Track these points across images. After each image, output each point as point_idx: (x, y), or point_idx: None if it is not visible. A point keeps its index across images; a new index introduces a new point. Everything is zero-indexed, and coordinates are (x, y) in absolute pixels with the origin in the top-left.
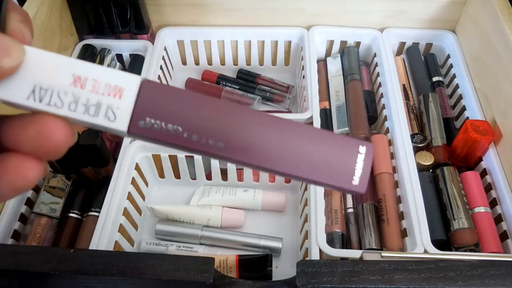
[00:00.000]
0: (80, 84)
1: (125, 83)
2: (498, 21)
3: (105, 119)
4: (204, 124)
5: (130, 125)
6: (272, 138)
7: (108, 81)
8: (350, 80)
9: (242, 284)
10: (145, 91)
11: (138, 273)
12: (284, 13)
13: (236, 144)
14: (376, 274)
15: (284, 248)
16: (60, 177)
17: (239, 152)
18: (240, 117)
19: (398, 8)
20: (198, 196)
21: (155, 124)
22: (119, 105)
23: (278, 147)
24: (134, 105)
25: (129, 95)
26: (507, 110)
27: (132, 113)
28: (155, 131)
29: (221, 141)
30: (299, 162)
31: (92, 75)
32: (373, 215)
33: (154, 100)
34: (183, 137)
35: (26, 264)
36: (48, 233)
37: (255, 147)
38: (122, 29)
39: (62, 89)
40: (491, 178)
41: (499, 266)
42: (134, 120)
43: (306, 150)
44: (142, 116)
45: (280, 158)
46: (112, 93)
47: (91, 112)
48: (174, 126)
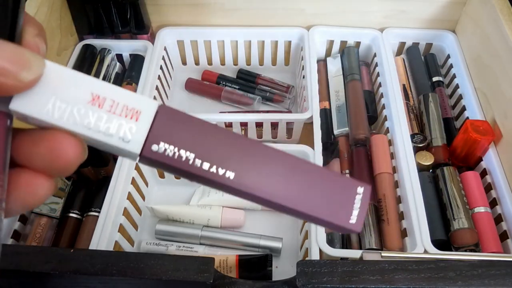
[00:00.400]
0: (98, 103)
1: (142, 106)
2: (498, 21)
3: (119, 140)
4: (216, 153)
5: (144, 148)
6: (278, 174)
7: (126, 103)
8: (350, 80)
9: (242, 284)
10: (161, 116)
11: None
12: (284, 13)
13: (245, 176)
14: (376, 274)
15: (284, 248)
16: (60, 177)
17: (247, 185)
18: (250, 150)
19: (398, 8)
20: (198, 196)
21: (168, 149)
22: (135, 127)
23: (283, 183)
24: (150, 129)
25: (146, 118)
26: (507, 110)
27: (147, 136)
28: (168, 156)
29: (232, 172)
30: (301, 198)
31: (111, 95)
32: (373, 215)
33: (169, 125)
34: (194, 164)
35: (26, 264)
36: (48, 233)
37: (261, 181)
38: (122, 29)
39: (80, 106)
40: (491, 178)
41: (499, 266)
42: (148, 143)
43: (308, 187)
44: (156, 140)
45: (284, 192)
46: (130, 114)
47: (106, 132)
48: (187, 152)
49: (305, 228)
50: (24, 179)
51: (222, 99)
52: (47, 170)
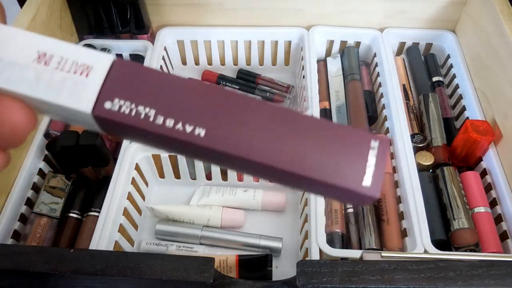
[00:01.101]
0: (45, 61)
1: (95, 62)
2: (498, 21)
3: (67, 98)
4: (182, 107)
5: (96, 106)
6: (264, 128)
7: (76, 59)
8: (350, 80)
9: (242, 284)
10: (116, 71)
11: (138, 273)
12: (284, 13)
13: (220, 132)
14: (376, 274)
15: (284, 248)
16: (60, 177)
17: (223, 142)
18: (226, 102)
19: (398, 8)
20: (198, 196)
21: (124, 106)
22: (85, 83)
23: (272, 139)
24: (102, 84)
25: (98, 74)
26: (507, 110)
27: (99, 92)
28: (123, 114)
29: (202, 128)
30: (294, 156)
31: (59, 52)
32: (373, 215)
33: (126, 80)
34: (155, 122)
35: (26, 264)
36: (48, 233)
37: (243, 137)
38: (122, 29)
39: (24, 65)
40: (491, 178)
41: (499, 266)
42: (101, 100)
43: (304, 142)
44: (110, 96)
45: (272, 150)
46: (79, 71)
47: (53, 91)
48: (146, 108)
49: (305, 228)
50: None
51: None
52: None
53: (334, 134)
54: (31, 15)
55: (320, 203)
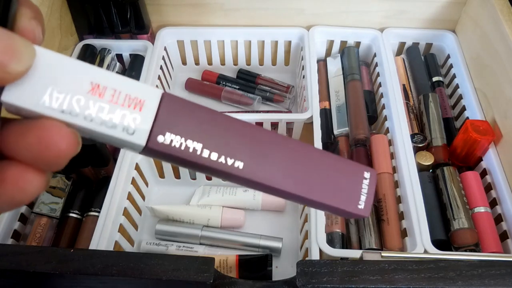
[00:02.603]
0: (99, 93)
1: (146, 96)
2: (498, 21)
3: (123, 132)
4: (223, 142)
5: (149, 139)
6: (286, 161)
7: (128, 92)
8: (350, 80)
9: (242, 284)
10: (165, 105)
11: (138, 273)
12: (284, 13)
13: (254, 165)
14: (376, 274)
15: (284, 248)
16: (60, 177)
17: (257, 174)
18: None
19: (398, 8)
20: (198, 196)
21: (174, 140)
22: (139, 118)
23: (291, 170)
24: (155, 119)
25: (150, 108)
26: (507, 110)
27: (152, 127)
28: (174, 147)
29: (240, 161)
30: (309, 185)
31: (112, 84)
32: (373, 215)
33: (175, 115)
34: (202, 155)
35: (26, 264)
36: (48, 233)
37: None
38: (122, 29)
39: (79, 97)
40: (491, 178)
41: (499, 266)
42: (154, 134)
43: (316, 173)
44: (162, 130)
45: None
46: (133, 104)
47: (109, 124)
48: (194, 142)
49: (305, 228)
50: (12, 173)
51: (222, 99)
52: (36, 162)
53: (337, 165)
54: None
55: None
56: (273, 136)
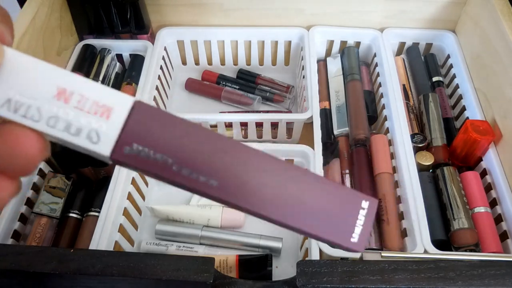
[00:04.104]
0: (65, 98)
1: (115, 103)
2: (498, 21)
3: (86, 139)
4: (197, 158)
5: (114, 150)
6: (270, 183)
7: (97, 98)
8: (350, 80)
9: (242, 284)
10: (136, 114)
11: (138, 273)
12: (284, 13)
13: (231, 184)
14: (376, 274)
15: (284, 248)
16: (60, 177)
17: (234, 194)
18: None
19: (398, 8)
20: (198, 196)
21: (142, 152)
22: (105, 126)
23: (276, 193)
24: (122, 128)
25: (118, 117)
26: (507, 110)
27: (118, 137)
28: (142, 159)
29: (215, 180)
30: (296, 212)
31: (80, 90)
32: None
33: (145, 125)
34: (171, 169)
35: (26, 264)
36: (48, 233)
37: (251, 191)
38: (122, 29)
39: (43, 101)
40: (491, 178)
41: (499, 266)
42: (120, 145)
43: (306, 200)
44: (129, 141)
45: (277, 205)
46: (99, 112)
47: (72, 131)
48: (163, 156)
49: None
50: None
51: (222, 99)
52: (5, 169)
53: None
54: (31, 15)
55: None
56: (256, 154)
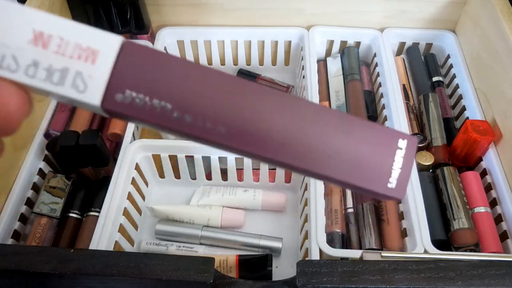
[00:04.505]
0: (43, 43)
1: (101, 45)
2: (498, 21)
3: (72, 89)
4: (200, 102)
5: (105, 98)
6: (288, 125)
7: (79, 41)
8: (350, 80)
9: (242, 284)
10: (126, 56)
11: (138, 273)
12: (284, 13)
13: (242, 130)
14: (376, 274)
15: (284, 248)
16: (60, 177)
17: (246, 141)
18: (249, 96)
19: (398, 8)
20: (198, 196)
21: (136, 99)
22: (92, 72)
23: (296, 137)
24: (111, 73)
25: (105, 60)
26: (507, 110)
27: (107, 83)
28: (137, 107)
29: (223, 125)
30: (322, 157)
31: (59, 32)
32: (373, 215)
33: (138, 68)
34: (172, 117)
35: (26, 264)
36: (48, 233)
37: (266, 136)
38: (122, 29)
39: (19, 48)
40: (491, 178)
41: (499, 266)
42: (110, 92)
43: (331, 143)
44: (120, 87)
45: (297, 150)
46: (83, 56)
47: (54, 79)
48: (161, 102)
49: (305, 228)
50: None
51: None
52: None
53: (362, 131)
54: None
55: (320, 203)
56: (272, 94)
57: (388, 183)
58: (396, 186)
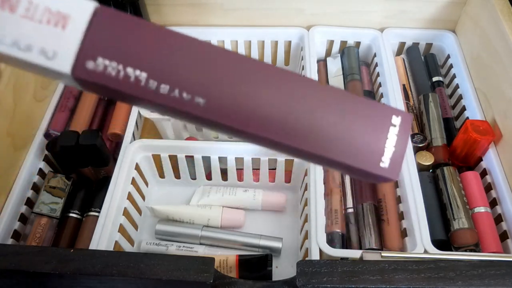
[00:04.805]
0: (10, 6)
1: (72, 9)
2: (498, 21)
3: (40, 55)
4: (178, 71)
5: (76, 66)
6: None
7: (49, 5)
8: (350, 80)
9: (242, 284)
10: (98, 22)
11: (138, 273)
12: (284, 13)
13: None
14: (376, 274)
15: (284, 248)
16: (60, 177)
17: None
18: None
19: (398, 8)
20: (198, 196)
21: (109, 67)
22: (61, 38)
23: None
24: (83, 40)
25: (76, 25)
26: (507, 110)
27: (78, 49)
28: (109, 76)
29: (201, 96)
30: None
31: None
32: (373, 215)
33: (111, 34)
34: (147, 87)
35: (26, 264)
36: (48, 233)
37: (248, 110)
38: None
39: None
40: (491, 178)
41: (499, 266)
42: (81, 59)
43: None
44: (92, 54)
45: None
46: (53, 20)
47: (21, 45)
48: (136, 70)
49: (305, 228)
50: None
51: None
52: None
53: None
54: None
55: (320, 203)
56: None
57: (380, 162)
58: (389, 166)
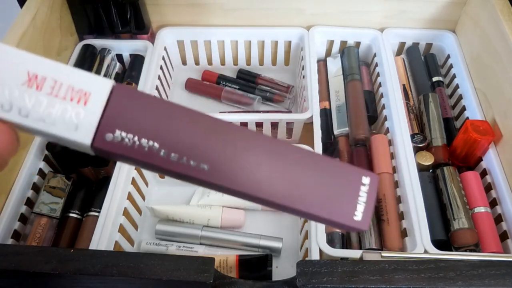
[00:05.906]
0: (36, 84)
1: (92, 87)
2: (498, 21)
3: (64, 129)
4: (185, 141)
5: (96, 138)
6: (265, 163)
7: (72, 83)
8: (350, 80)
9: (242, 284)
10: (116, 98)
11: (138, 273)
12: (284, 13)
13: (223, 167)
14: (376, 274)
15: (284, 248)
16: (60, 177)
17: (226, 178)
18: (229, 136)
19: (398, 8)
20: (198, 196)
21: (126, 139)
22: (83, 113)
23: (272, 174)
24: (102, 114)
25: (96, 102)
26: (507, 110)
27: (98, 123)
28: (126, 146)
29: (205, 163)
30: (294, 193)
31: (52, 74)
32: (373, 215)
33: (127, 109)
34: (159, 155)
35: (26, 264)
36: (48, 233)
37: (244, 173)
38: (122, 29)
39: (13, 89)
40: (491, 178)
41: (499, 266)
42: (101, 132)
43: (303, 179)
44: (110, 127)
45: (273, 186)
46: (76, 97)
47: (47, 120)
48: (149, 141)
49: (305, 228)
50: None
51: (222, 99)
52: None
53: (329, 169)
54: (31, 15)
55: None
56: (250, 135)
57: (354, 216)
58: (362, 219)
